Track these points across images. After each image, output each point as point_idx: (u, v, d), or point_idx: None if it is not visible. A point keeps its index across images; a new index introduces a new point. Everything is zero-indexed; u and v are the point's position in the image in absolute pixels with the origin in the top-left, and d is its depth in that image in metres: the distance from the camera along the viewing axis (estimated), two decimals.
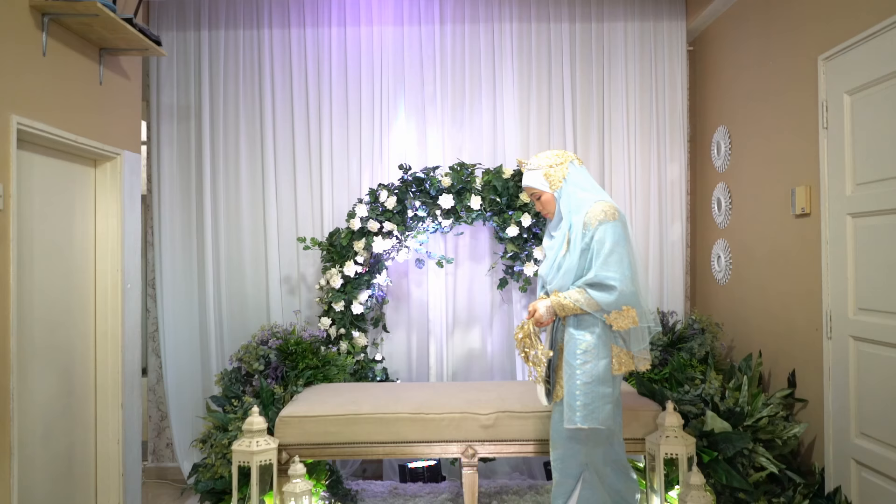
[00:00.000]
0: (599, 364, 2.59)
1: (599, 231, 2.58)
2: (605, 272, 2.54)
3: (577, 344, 2.62)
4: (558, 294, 2.64)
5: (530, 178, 2.77)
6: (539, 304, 2.70)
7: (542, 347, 2.68)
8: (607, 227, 2.58)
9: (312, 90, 4.28)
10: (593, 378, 2.58)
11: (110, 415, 3.37)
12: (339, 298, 3.96)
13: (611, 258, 2.55)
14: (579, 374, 2.59)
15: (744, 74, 3.77)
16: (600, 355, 2.60)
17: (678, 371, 3.46)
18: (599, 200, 2.65)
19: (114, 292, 3.38)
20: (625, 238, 2.61)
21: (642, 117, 4.30)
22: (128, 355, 3.45)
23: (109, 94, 3.32)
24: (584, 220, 2.61)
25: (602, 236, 2.57)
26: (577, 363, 2.60)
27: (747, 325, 3.73)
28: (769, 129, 3.48)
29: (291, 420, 3.03)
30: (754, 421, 3.04)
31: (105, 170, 3.38)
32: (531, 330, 2.70)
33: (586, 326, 2.62)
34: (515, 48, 4.30)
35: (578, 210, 2.66)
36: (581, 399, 2.57)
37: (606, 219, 2.59)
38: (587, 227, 2.60)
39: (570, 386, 2.61)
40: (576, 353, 2.61)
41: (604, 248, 2.56)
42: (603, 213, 2.60)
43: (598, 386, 2.58)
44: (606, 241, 2.56)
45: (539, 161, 2.76)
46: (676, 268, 4.28)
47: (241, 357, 3.66)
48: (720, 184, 4.03)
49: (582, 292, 2.58)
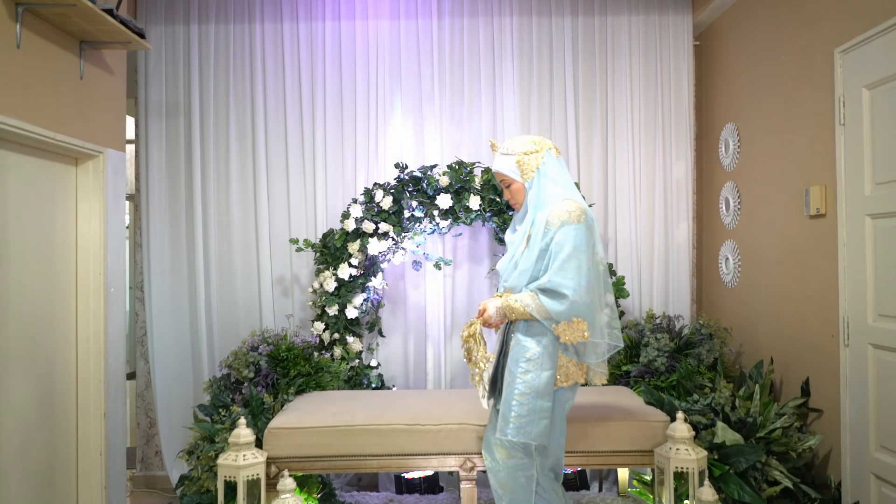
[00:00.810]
0: (542, 375, 2.43)
1: (561, 233, 2.39)
2: (559, 278, 2.36)
3: (522, 351, 2.47)
4: (510, 295, 2.49)
5: (502, 163, 2.58)
6: (489, 304, 2.55)
7: (485, 350, 2.55)
8: (569, 229, 2.39)
9: (306, 86, 4.14)
10: (532, 390, 2.42)
11: (92, 425, 3.22)
12: (332, 302, 3.82)
13: (568, 264, 2.37)
14: (519, 383, 2.43)
15: (753, 69, 3.62)
16: (544, 366, 2.44)
17: (686, 378, 3.32)
18: (568, 199, 2.46)
19: (96, 296, 3.23)
20: (587, 244, 2.42)
21: (647, 114, 4.16)
22: (111, 362, 3.30)
23: (91, 89, 3.17)
24: (547, 218, 2.43)
25: (562, 239, 2.39)
26: (519, 371, 2.45)
27: (757, 330, 3.59)
28: (781, 125, 3.33)
29: (281, 432, 2.89)
30: (767, 432, 2.90)
31: (87, 169, 3.23)
32: (478, 329, 2.59)
33: (535, 334, 2.47)
34: (516, 43, 4.15)
35: (544, 206, 2.48)
36: (516, 410, 2.42)
37: (570, 220, 2.40)
38: (549, 226, 2.42)
39: (507, 394, 2.46)
40: (519, 360, 2.46)
41: (562, 253, 2.38)
42: (567, 213, 2.41)
43: (536, 399, 2.42)
44: (566, 245, 2.38)
45: (513, 146, 2.57)
46: (682, 270, 4.13)
47: (231, 364, 3.51)
48: (728, 183, 3.88)
49: (534, 297, 2.42)
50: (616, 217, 4.15)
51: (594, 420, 2.93)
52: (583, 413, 2.99)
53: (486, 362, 2.56)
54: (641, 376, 3.53)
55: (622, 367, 3.63)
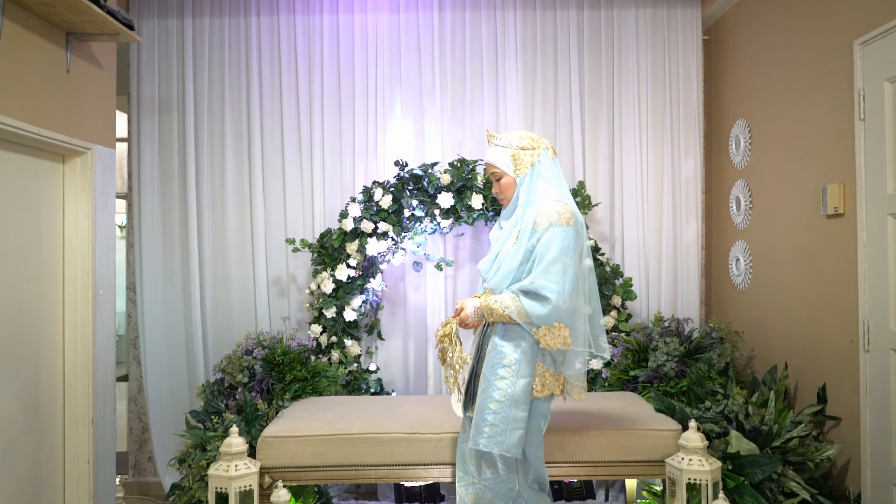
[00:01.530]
0: (518, 383, 2.32)
1: (548, 234, 2.30)
2: (543, 280, 2.27)
3: (499, 356, 2.36)
4: (490, 296, 2.38)
5: (496, 155, 2.47)
6: (467, 304, 2.44)
7: (460, 351, 2.43)
8: (557, 231, 2.30)
9: (303, 81, 4.01)
10: (507, 398, 2.31)
11: (80, 432, 3.10)
12: (330, 304, 3.70)
13: (553, 267, 2.27)
14: (494, 390, 2.33)
15: (766, 64, 3.49)
16: (521, 373, 2.33)
17: (697, 384, 3.19)
18: (559, 201, 2.37)
19: (84, 298, 3.11)
20: (574, 248, 2.32)
21: (655, 111, 4.03)
22: (100, 366, 3.17)
23: (78, 83, 3.05)
24: (535, 218, 2.34)
25: (549, 241, 2.29)
26: (495, 378, 2.34)
27: (769, 333, 3.46)
28: (795, 121, 3.21)
29: (275, 440, 2.76)
30: (783, 441, 2.77)
31: (74, 166, 3.11)
32: (454, 329, 2.46)
33: (513, 338, 2.36)
34: (519, 37, 4.02)
35: (534, 205, 2.39)
36: (490, 419, 2.31)
37: (559, 222, 2.30)
38: (536, 227, 2.32)
39: (482, 401, 2.35)
40: (495, 366, 2.35)
41: (548, 255, 2.28)
42: (557, 214, 2.32)
43: (512, 408, 2.31)
44: (552, 247, 2.28)
45: (510, 139, 2.46)
46: (691, 271, 4.01)
47: (224, 368, 3.39)
48: (739, 181, 3.76)
49: (514, 299, 2.32)
50: (623, 217, 4.02)
51: (602, 428, 2.80)
52: (590, 420, 2.87)
53: (463, 364, 2.45)
54: (650, 381, 3.41)
55: (629, 371, 3.50)
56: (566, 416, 2.92)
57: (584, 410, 3.01)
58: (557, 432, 2.78)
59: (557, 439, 2.76)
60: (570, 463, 2.78)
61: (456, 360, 2.44)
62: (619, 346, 3.63)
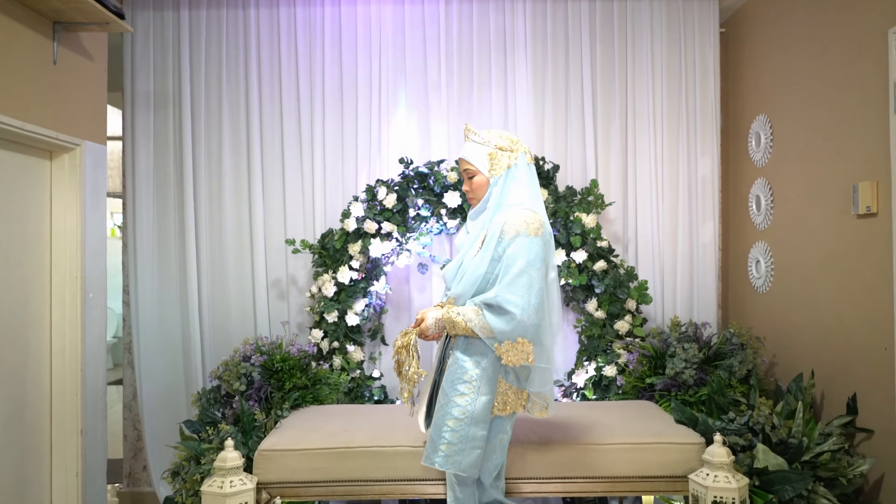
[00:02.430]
0: (478, 400, 2.21)
1: (514, 245, 2.17)
2: (507, 294, 2.14)
3: (459, 371, 2.23)
4: (452, 308, 2.24)
5: (472, 151, 2.33)
6: (429, 314, 2.30)
7: (417, 364, 2.31)
8: (523, 242, 2.17)
9: (304, 76, 3.85)
10: (466, 415, 2.19)
11: (68, 443, 2.95)
12: (331, 308, 3.54)
13: (519, 280, 2.15)
14: (453, 407, 2.20)
15: (788, 56, 3.33)
16: (482, 390, 2.21)
17: (718, 393, 3.02)
18: (528, 209, 2.24)
19: (72, 302, 2.96)
20: (541, 260, 2.20)
21: (670, 107, 3.86)
22: (89, 373, 3.02)
23: (66, 75, 2.89)
24: (502, 225, 2.20)
25: (515, 252, 2.17)
26: (455, 394, 2.21)
27: (792, 339, 3.30)
28: (822, 116, 3.04)
29: (273, 454, 2.60)
30: (813, 456, 2.61)
31: (62, 162, 2.96)
32: (412, 341, 2.33)
33: (475, 353, 2.23)
34: (529, 29, 3.86)
35: (503, 210, 2.26)
36: (447, 437, 2.19)
37: (526, 232, 2.18)
38: (503, 235, 2.20)
39: (439, 418, 2.23)
40: (455, 381, 2.22)
41: (514, 267, 2.16)
42: (525, 224, 2.19)
43: (471, 426, 2.19)
44: (518, 259, 2.16)
45: (489, 137, 2.33)
46: (708, 274, 3.84)
47: (221, 375, 3.23)
48: (759, 180, 3.59)
49: (477, 313, 2.18)
50: (637, 217, 3.86)
51: (619, 441, 2.64)
52: (606, 432, 2.70)
53: (419, 378, 2.31)
54: (667, 390, 3.24)
55: (646, 379, 3.34)
56: (580, 428, 2.75)
57: (599, 421, 2.84)
58: (572, 445, 2.62)
59: (572, 453, 2.60)
60: (585, 478, 2.61)
61: (413, 374, 2.30)
62: (634, 352, 3.47)
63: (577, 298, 3.68)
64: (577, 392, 3.61)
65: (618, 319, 3.58)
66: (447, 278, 2.37)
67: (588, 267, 3.57)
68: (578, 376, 3.61)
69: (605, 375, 3.50)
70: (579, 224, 3.54)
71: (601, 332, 3.59)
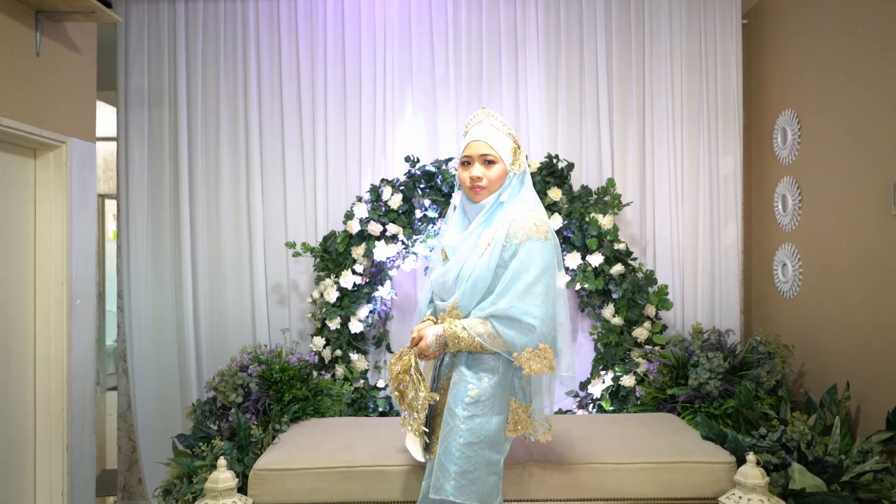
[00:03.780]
0: (492, 421, 1.99)
1: (525, 250, 1.98)
2: (524, 305, 1.94)
3: (466, 389, 2.00)
4: (455, 322, 2.02)
5: (496, 137, 2.10)
6: (427, 331, 2.06)
7: (426, 389, 2.03)
8: (535, 247, 1.98)
9: (305, 71, 3.67)
10: (481, 439, 1.96)
11: (53, 459, 2.77)
12: (334, 315, 3.36)
13: (534, 288, 1.96)
14: (463, 429, 1.97)
15: (816, 46, 3.13)
16: (495, 409, 2.00)
17: (746, 406, 2.83)
18: (533, 211, 2.06)
19: (58, 310, 2.78)
20: (554, 266, 2.03)
21: (690, 102, 3.66)
22: (76, 386, 2.85)
23: (50, 68, 2.72)
24: (508, 229, 2.01)
25: (527, 258, 1.97)
26: (464, 415, 1.97)
27: (822, 347, 3.10)
28: (855, 109, 2.85)
29: (268, 474, 2.42)
30: (853, 476, 2.41)
31: (47, 161, 2.79)
32: (413, 363, 2.04)
33: (484, 369, 2.02)
34: (541, 21, 3.67)
35: (506, 211, 2.07)
36: (460, 463, 1.95)
37: (536, 236, 1.99)
38: (510, 238, 2.00)
39: (448, 443, 1.98)
40: (463, 400, 1.99)
41: (527, 274, 1.96)
42: (534, 226, 2.00)
43: (486, 450, 1.97)
44: (532, 266, 1.96)
45: (509, 129, 2.14)
46: (731, 277, 3.64)
47: (216, 386, 3.05)
48: (786, 178, 3.39)
49: (486, 324, 1.97)
50: (654, 218, 3.66)
51: (642, 460, 2.45)
52: (627, 450, 2.51)
53: (431, 402, 2.06)
54: (690, 402, 3.05)
55: (667, 390, 3.14)
56: (598, 444, 2.56)
57: (619, 436, 2.66)
58: (590, 465, 2.43)
59: (591, 474, 2.42)
60: (605, 500, 2.42)
61: (422, 400, 2.02)
62: (654, 360, 3.27)
63: (592, 304, 3.49)
64: (593, 403, 3.42)
65: (636, 326, 3.39)
66: (445, 286, 2.11)
67: (605, 271, 3.38)
68: (595, 386, 3.42)
69: (623, 385, 3.31)
70: (595, 225, 3.35)
71: (618, 339, 3.40)
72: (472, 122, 2.17)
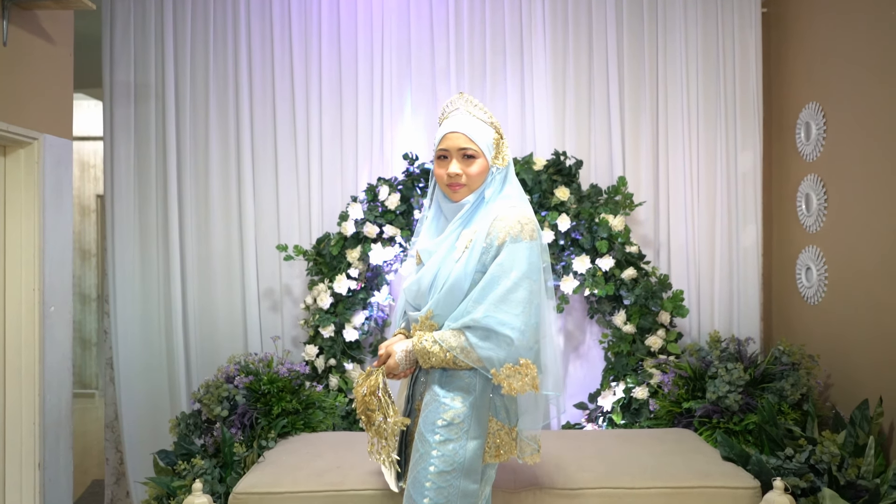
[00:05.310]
0: (467, 446, 1.76)
1: (507, 252, 1.76)
2: (501, 314, 1.72)
3: (439, 410, 1.78)
4: (424, 336, 1.80)
5: (477, 128, 1.85)
6: (395, 347, 1.85)
7: (396, 412, 1.81)
8: (520, 248, 1.76)
9: (298, 64, 3.50)
10: (454, 467, 1.74)
11: (24, 478, 2.60)
12: (327, 322, 3.18)
13: (514, 295, 1.74)
14: (435, 456, 1.75)
15: (844, 35, 2.92)
16: (471, 433, 1.77)
17: (769, 423, 2.61)
18: (516, 207, 1.84)
19: (29, 318, 2.61)
20: (539, 270, 1.81)
21: (706, 95, 3.46)
22: (50, 398, 2.67)
23: (20, 59, 2.55)
24: (488, 228, 1.79)
25: (508, 261, 1.75)
26: (435, 440, 1.76)
27: (850, 358, 2.88)
28: (886, 102, 2.63)
29: (249, 498, 2.23)
30: (892, 503, 2.19)
31: (17, 159, 2.61)
32: (380, 383, 1.82)
33: (458, 387, 1.80)
34: (548, 11, 3.47)
35: (488, 208, 1.85)
36: (430, 495, 1.74)
37: (521, 236, 1.77)
38: (490, 239, 1.78)
39: (417, 472, 1.77)
40: (435, 423, 1.77)
41: (506, 279, 1.74)
42: (519, 225, 1.78)
43: (460, 479, 1.75)
44: (513, 270, 1.75)
45: (491, 118, 1.90)
46: (750, 282, 3.43)
47: (201, 398, 2.87)
48: (810, 176, 3.18)
49: (459, 337, 1.75)
50: (669, 219, 3.46)
51: (658, 485, 2.24)
52: (640, 471, 2.31)
53: (400, 428, 1.84)
54: (708, 416, 2.84)
55: (683, 403, 2.93)
56: (609, 464, 2.36)
57: (631, 454, 2.46)
58: (601, 489, 2.22)
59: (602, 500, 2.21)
60: None
61: (393, 425, 1.80)
62: (668, 371, 3.06)
63: (602, 310, 3.28)
64: (603, 416, 3.21)
65: (649, 334, 3.19)
66: (418, 293, 1.90)
67: (615, 275, 3.18)
68: (605, 399, 3.21)
69: (636, 398, 3.11)
70: (605, 227, 3.15)
71: (630, 348, 3.20)
72: (448, 108, 1.93)
